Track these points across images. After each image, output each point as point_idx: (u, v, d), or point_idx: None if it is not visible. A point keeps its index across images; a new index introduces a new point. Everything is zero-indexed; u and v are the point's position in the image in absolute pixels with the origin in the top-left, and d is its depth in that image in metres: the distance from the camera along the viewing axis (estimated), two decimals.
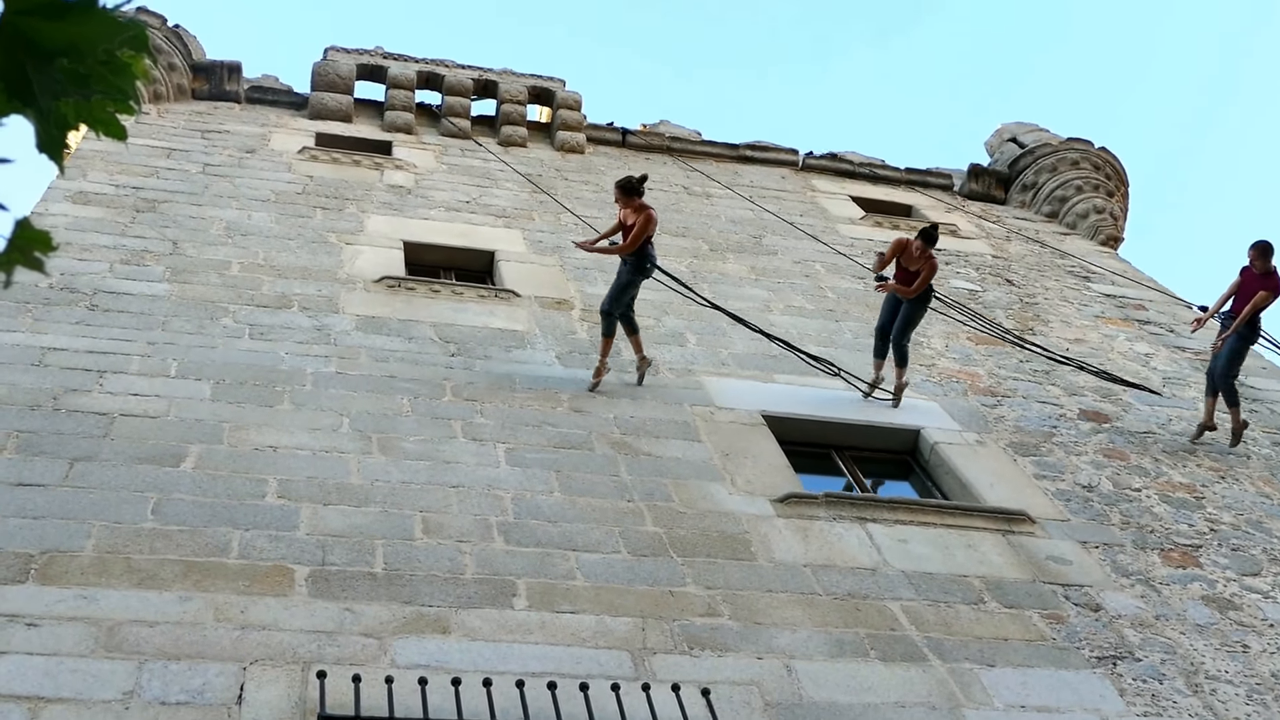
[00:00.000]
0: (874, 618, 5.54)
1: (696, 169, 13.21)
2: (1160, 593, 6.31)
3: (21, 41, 1.56)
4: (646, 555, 5.68)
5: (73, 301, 7.35)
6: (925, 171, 14.30)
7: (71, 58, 1.60)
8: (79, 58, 1.61)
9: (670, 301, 9.28)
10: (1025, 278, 11.53)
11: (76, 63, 1.62)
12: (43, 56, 1.58)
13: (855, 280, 10.59)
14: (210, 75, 12.41)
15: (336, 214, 9.86)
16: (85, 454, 5.67)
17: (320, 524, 5.44)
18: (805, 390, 8.01)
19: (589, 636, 4.99)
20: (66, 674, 4.22)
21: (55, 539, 4.98)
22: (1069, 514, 7.01)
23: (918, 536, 6.36)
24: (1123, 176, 14.04)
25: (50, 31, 1.57)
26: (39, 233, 1.70)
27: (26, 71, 1.58)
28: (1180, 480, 7.78)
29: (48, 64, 1.59)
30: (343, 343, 7.47)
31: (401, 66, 13.06)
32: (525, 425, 6.79)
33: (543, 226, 10.52)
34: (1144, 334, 10.60)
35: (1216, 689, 5.52)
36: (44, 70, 1.59)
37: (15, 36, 1.56)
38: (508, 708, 4.28)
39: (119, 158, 10.03)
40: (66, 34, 1.57)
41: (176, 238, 8.73)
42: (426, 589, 5.10)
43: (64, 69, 1.61)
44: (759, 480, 6.67)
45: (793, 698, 4.84)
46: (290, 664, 4.48)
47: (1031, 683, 5.27)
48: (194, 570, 4.95)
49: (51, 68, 1.60)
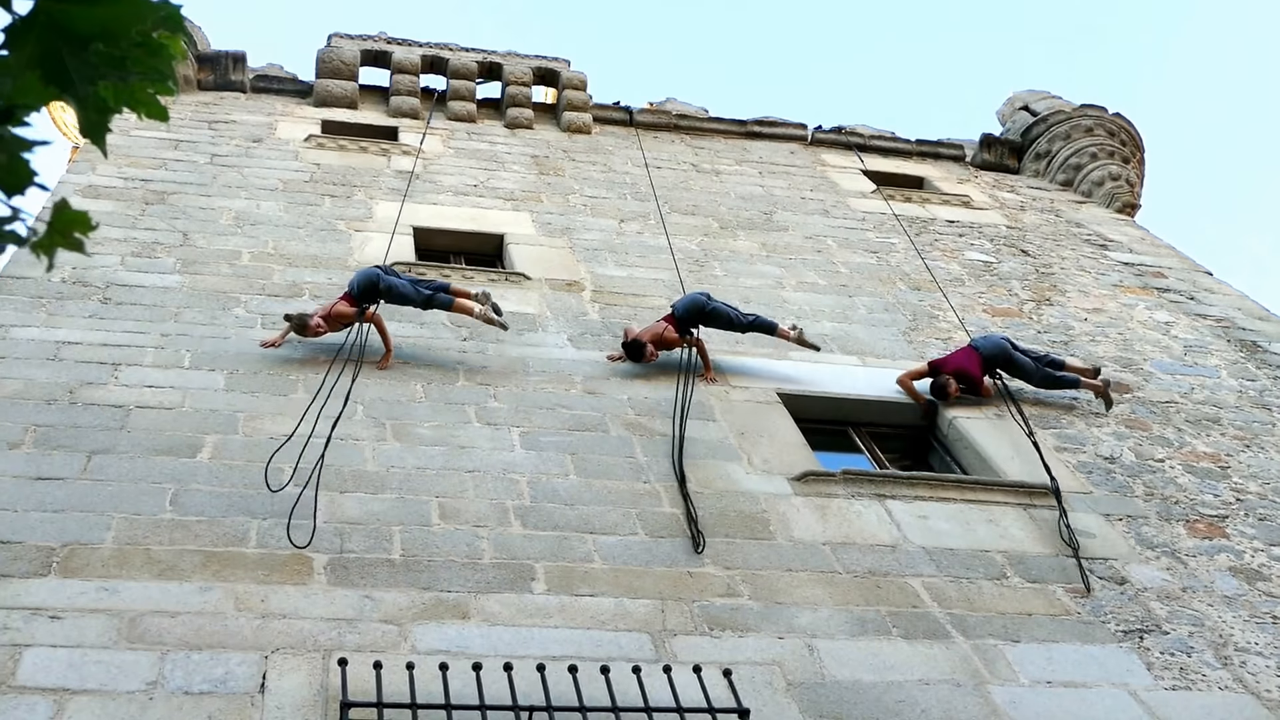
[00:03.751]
0: (895, 595, 5.50)
1: (704, 146, 13.12)
2: (1187, 564, 6.25)
3: (55, 28, 1.57)
4: (664, 536, 5.65)
5: (85, 295, 7.34)
6: (936, 143, 14.16)
7: (106, 41, 1.61)
8: (113, 41, 1.61)
9: (681, 281, 9.23)
10: (1041, 248, 11.41)
11: (111, 46, 1.62)
12: (77, 42, 1.59)
13: (868, 255, 10.51)
14: (215, 65, 12.37)
15: (345, 201, 9.82)
16: (103, 447, 5.67)
17: (337, 511, 5.43)
18: (820, 367, 7.94)
19: (608, 619, 4.97)
20: (91, 666, 4.23)
21: (76, 532, 4.99)
22: (1091, 486, 6.94)
23: (938, 512, 6.31)
24: (1138, 143, 13.86)
25: (83, 16, 1.57)
26: (78, 213, 1.70)
27: (63, 58, 1.59)
28: (1204, 450, 7.70)
29: (83, 49, 1.60)
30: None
31: (406, 51, 12.99)
32: (539, 408, 6.76)
33: (551, 208, 10.46)
34: (1164, 302, 10.48)
35: (1246, 661, 5.46)
36: (79, 56, 1.60)
37: (49, 24, 1.56)
38: (529, 691, 4.26)
39: (127, 150, 10.01)
40: (100, 18, 1.58)
41: (186, 229, 8.72)
42: (445, 574, 5.09)
43: (99, 53, 1.61)
44: (776, 459, 6.62)
45: (815, 677, 4.81)
46: (311, 652, 4.48)
47: (1057, 658, 5.22)
48: (213, 560, 4.95)
49: (87, 53, 1.60)
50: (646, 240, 9.99)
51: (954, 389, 7.64)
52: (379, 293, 7.14)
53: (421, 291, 7.28)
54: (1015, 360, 7.93)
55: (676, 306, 7.73)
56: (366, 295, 7.12)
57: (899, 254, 10.63)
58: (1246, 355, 9.51)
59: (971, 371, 7.74)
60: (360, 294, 7.11)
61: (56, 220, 1.67)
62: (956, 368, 7.77)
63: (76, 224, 1.68)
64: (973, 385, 7.74)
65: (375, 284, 7.15)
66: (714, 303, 7.76)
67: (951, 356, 7.96)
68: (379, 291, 7.14)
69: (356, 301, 7.07)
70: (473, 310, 7.23)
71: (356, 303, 7.06)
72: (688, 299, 7.76)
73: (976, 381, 7.75)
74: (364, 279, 7.21)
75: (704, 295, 7.83)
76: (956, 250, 10.93)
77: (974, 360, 7.81)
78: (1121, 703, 4.99)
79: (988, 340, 8.08)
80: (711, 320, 7.68)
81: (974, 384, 7.74)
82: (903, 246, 10.85)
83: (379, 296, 7.15)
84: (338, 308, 7.02)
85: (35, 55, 1.56)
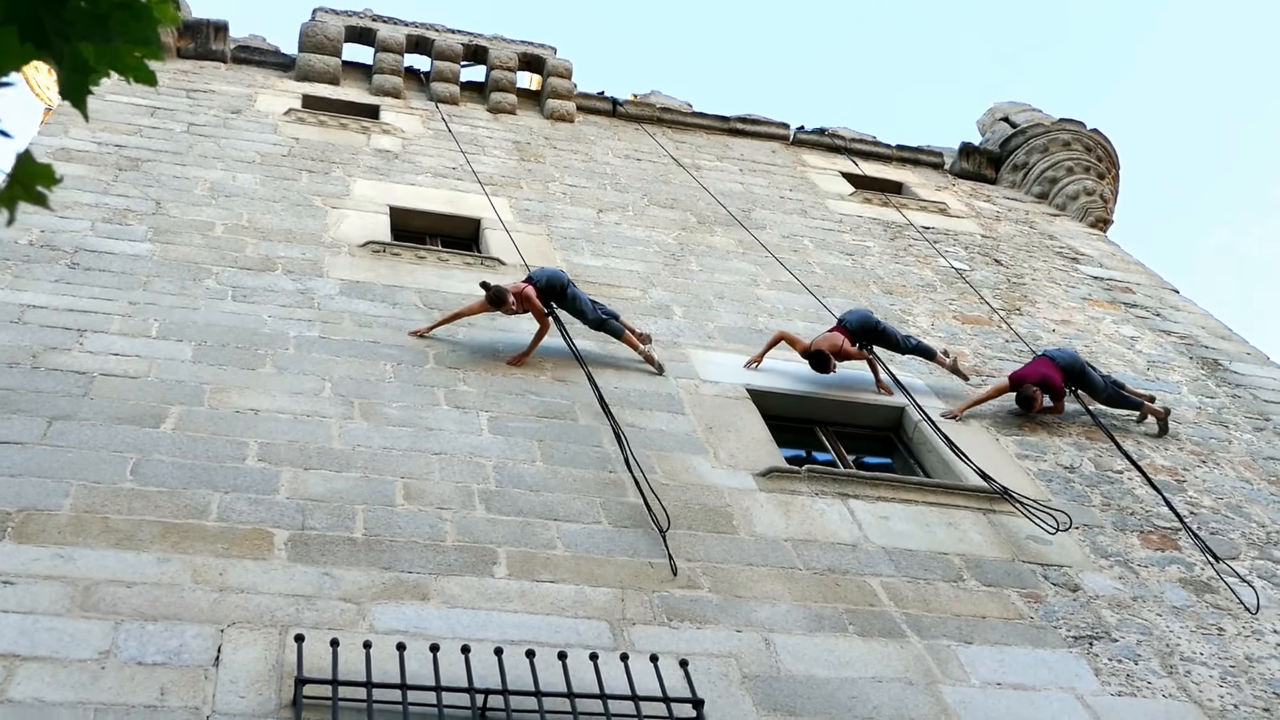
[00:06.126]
0: (853, 593, 5.55)
1: (686, 141, 13.13)
2: (1138, 574, 6.36)
3: None
4: (627, 526, 5.67)
5: (53, 259, 7.25)
6: (916, 149, 14.25)
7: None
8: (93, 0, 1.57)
9: (656, 273, 9.24)
10: (1014, 258, 11.53)
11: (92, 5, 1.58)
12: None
13: (844, 257, 10.57)
14: (196, 34, 12.23)
15: (322, 177, 9.75)
16: (64, 413, 5.61)
17: (300, 488, 5.41)
18: (790, 365, 7.99)
19: (568, 606, 4.98)
20: (43, 632, 4.19)
21: (32, 497, 4.94)
22: (1050, 494, 7.04)
23: (899, 513, 6.37)
24: (1114, 159, 14.02)
25: None
26: (42, 166, 1.66)
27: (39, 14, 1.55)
28: (1162, 463, 7.82)
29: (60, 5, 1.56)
30: (326, 307, 7.41)
31: (391, 30, 12.90)
32: (508, 394, 6.75)
33: (530, 194, 10.44)
34: (1130, 317, 10.63)
35: (1191, 670, 5.57)
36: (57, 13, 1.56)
37: None
38: (486, 675, 4.28)
39: (102, 115, 9.87)
40: None
41: (160, 197, 8.62)
42: (406, 555, 5.08)
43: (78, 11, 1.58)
44: (742, 454, 6.66)
45: (771, 671, 4.85)
46: (268, 627, 4.46)
47: (1008, 661, 5.30)
48: (172, 532, 4.91)
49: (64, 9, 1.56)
50: (624, 231, 9.99)
51: (1040, 401, 7.50)
52: (562, 298, 7.33)
53: (598, 312, 7.43)
54: (1088, 375, 7.86)
55: (849, 321, 7.98)
56: (550, 294, 7.28)
57: (874, 257, 10.71)
58: (1208, 373, 9.67)
59: (1056, 383, 7.59)
60: (545, 290, 7.25)
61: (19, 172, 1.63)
62: (1041, 378, 7.58)
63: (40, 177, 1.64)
64: (1056, 397, 7.58)
65: (563, 288, 7.32)
66: (883, 323, 8.10)
67: (1031, 368, 7.78)
68: (563, 297, 7.33)
69: (542, 296, 7.21)
70: (639, 346, 7.41)
71: (542, 297, 7.21)
72: (860, 314, 8.06)
73: (1061, 394, 7.58)
74: (553, 278, 7.34)
75: (872, 313, 8.18)
76: (930, 257, 11.02)
77: (1054, 372, 7.69)
78: (1068, 707, 5.07)
79: (1063, 353, 7.96)
80: (880, 338, 7.98)
81: (1058, 396, 7.58)
82: (878, 250, 10.92)
83: (560, 301, 7.33)
84: (528, 292, 7.13)
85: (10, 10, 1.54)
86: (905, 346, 8.03)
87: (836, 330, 7.88)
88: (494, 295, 7.01)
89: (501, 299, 6.99)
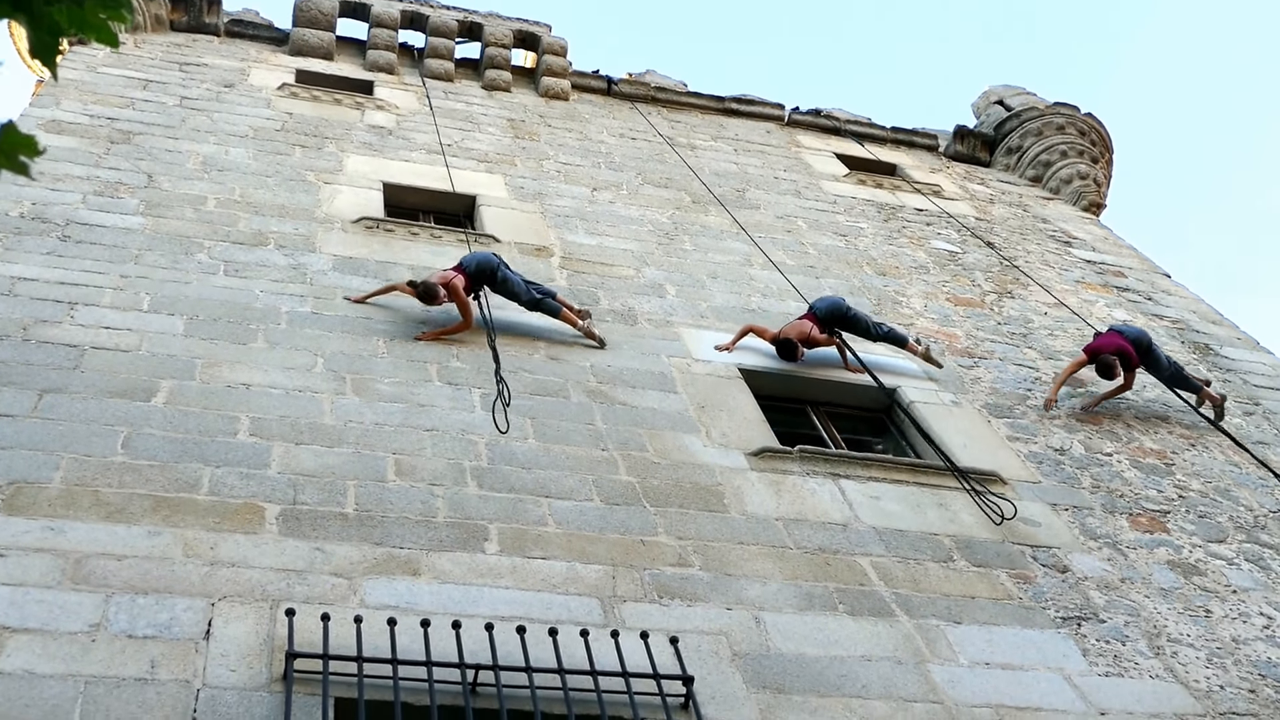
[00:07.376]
0: (843, 572, 5.58)
1: (681, 120, 13.08)
2: (1127, 556, 6.39)
3: None
4: (619, 504, 5.68)
5: (44, 231, 7.21)
6: (911, 131, 14.23)
7: None
8: None
9: (650, 252, 9.23)
10: (1007, 240, 11.53)
11: None
12: None
13: (837, 238, 10.56)
14: (189, 6, 12.12)
15: (316, 152, 9.70)
16: (55, 386, 5.59)
17: (292, 463, 5.40)
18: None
19: (559, 582, 5.00)
20: (33, 605, 4.19)
21: (23, 470, 4.92)
22: (1040, 476, 7.06)
23: (890, 494, 6.39)
24: (1108, 143, 14.01)
25: None
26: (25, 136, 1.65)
27: None
28: (1151, 446, 7.86)
29: None
30: (319, 282, 7.38)
31: (385, 5, 12.80)
32: (502, 371, 6.74)
33: (525, 172, 10.40)
34: (1122, 300, 10.65)
35: (1178, 651, 5.61)
36: None
37: None
38: (476, 650, 4.29)
39: (94, 87, 9.80)
40: None
41: (152, 170, 8.57)
42: (398, 530, 5.09)
43: None
44: (734, 433, 6.67)
45: (760, 649, 4.88)
46: (259, 601, 4.47)
47: (997, 640, 5.33)
48: (163, 505, 4.91)
49: None
50: (618, 210, 9.97)
51: (1118, 369, 7.56)
52: (494, 282, 7.25)
53: (531, 292, 7.36)
54: (1154, 352, 7.91)
55: (819, 307, 7.93)
56: (479, 279, 7.21)
57: (867, 238, 10.70)
58: (1199, 357, 9.70)
59: (1132, 356, 7.65)
60: (474, 275, 7.19)
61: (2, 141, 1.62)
62: (1117, 348, 7.66)
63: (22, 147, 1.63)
64: (1129, 367, 7.64)
65: (493, 271, 7.24)
66: (853, 310, 8.04)
67: (1104, 340, 7.87)
68: (494, 281, 7.25)
69: (470, 281, 7.14)
70: (576, 322, 7.34)
71: (470, 283, 7.14)
72: (829, 301, 7.99)
73: (1135, 366, 7.70)
74: (482, 263, 7.25)
75: (843, 300, 8.11)
76: (924, 238, 11.01)
77: (1127, 344, 7.75)
78: (1055, 686, 5.11)
79: (1130, 329, 8.04)
80: (850, 325, 7.93)
81: (1131, 367, 7.63)
82: (871, 231, 10.92)
83: (492, 285, 7.26)
84: (455, 282, 7.05)
85: None
86: (876, 334, 7.99)
87: (806, 318, 7.87)
88: (422, 293, 6.92)
89: (431, 295, 6.90)
